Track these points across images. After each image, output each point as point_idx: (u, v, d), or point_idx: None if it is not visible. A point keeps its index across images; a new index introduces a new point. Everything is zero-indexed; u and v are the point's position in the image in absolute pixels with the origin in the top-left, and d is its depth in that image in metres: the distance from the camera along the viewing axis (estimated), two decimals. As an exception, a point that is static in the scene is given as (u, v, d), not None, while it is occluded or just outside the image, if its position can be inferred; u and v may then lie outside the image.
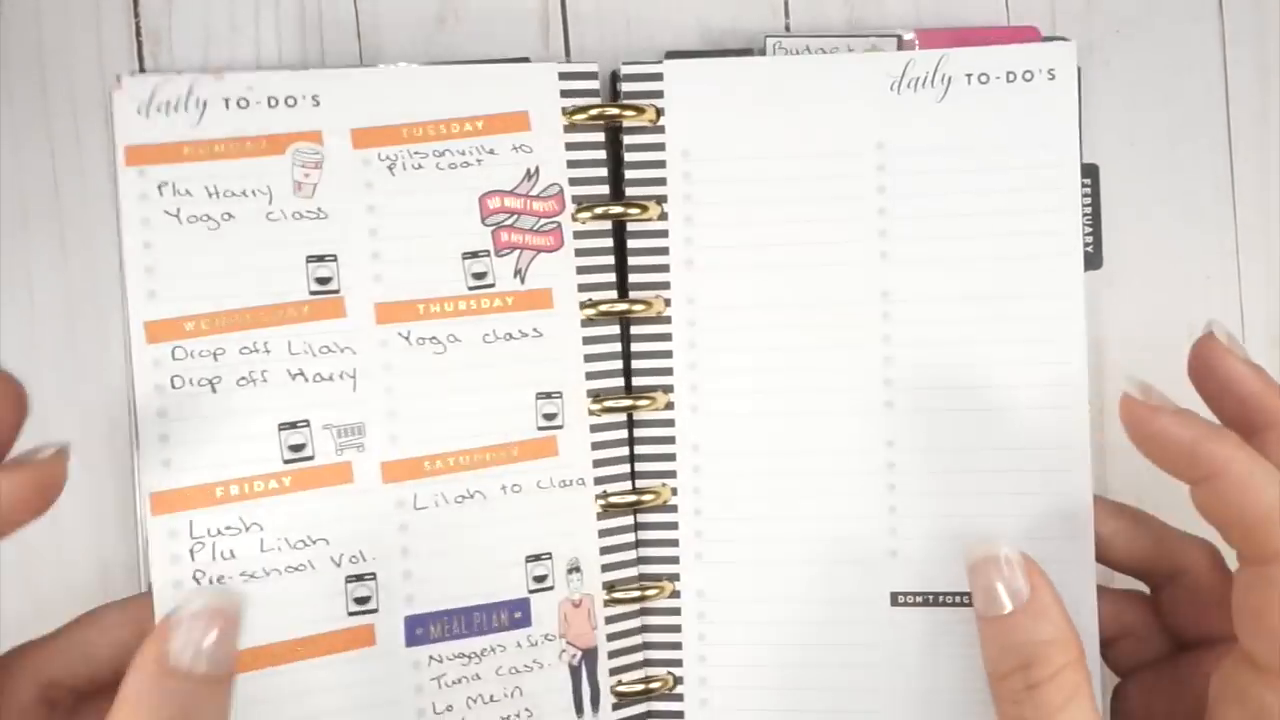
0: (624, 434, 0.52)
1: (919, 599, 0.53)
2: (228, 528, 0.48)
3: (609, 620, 0.51)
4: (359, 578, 0.48)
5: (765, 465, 0.53)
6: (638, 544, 0.54)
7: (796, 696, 0.53)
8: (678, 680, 0.54)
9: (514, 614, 0.50)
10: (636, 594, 0.52)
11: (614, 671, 0.51)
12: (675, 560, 0.54)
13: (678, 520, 0.54)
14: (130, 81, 0.48)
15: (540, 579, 0.50)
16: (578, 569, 0.51)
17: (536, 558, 0.50)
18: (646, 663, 0.54)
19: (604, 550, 0.51)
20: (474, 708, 0.49)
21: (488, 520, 0.49)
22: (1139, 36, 0.57)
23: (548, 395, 0.50)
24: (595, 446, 0.51)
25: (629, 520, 0.52)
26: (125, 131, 0.48)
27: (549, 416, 0.51)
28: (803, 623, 0.53)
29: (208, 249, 0.48)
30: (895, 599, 0.53)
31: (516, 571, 0.50)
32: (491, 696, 0.49)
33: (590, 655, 0.51)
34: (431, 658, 0.49)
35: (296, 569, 0.48)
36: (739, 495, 0.53)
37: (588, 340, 0.51)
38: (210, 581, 0.47)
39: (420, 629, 0.49)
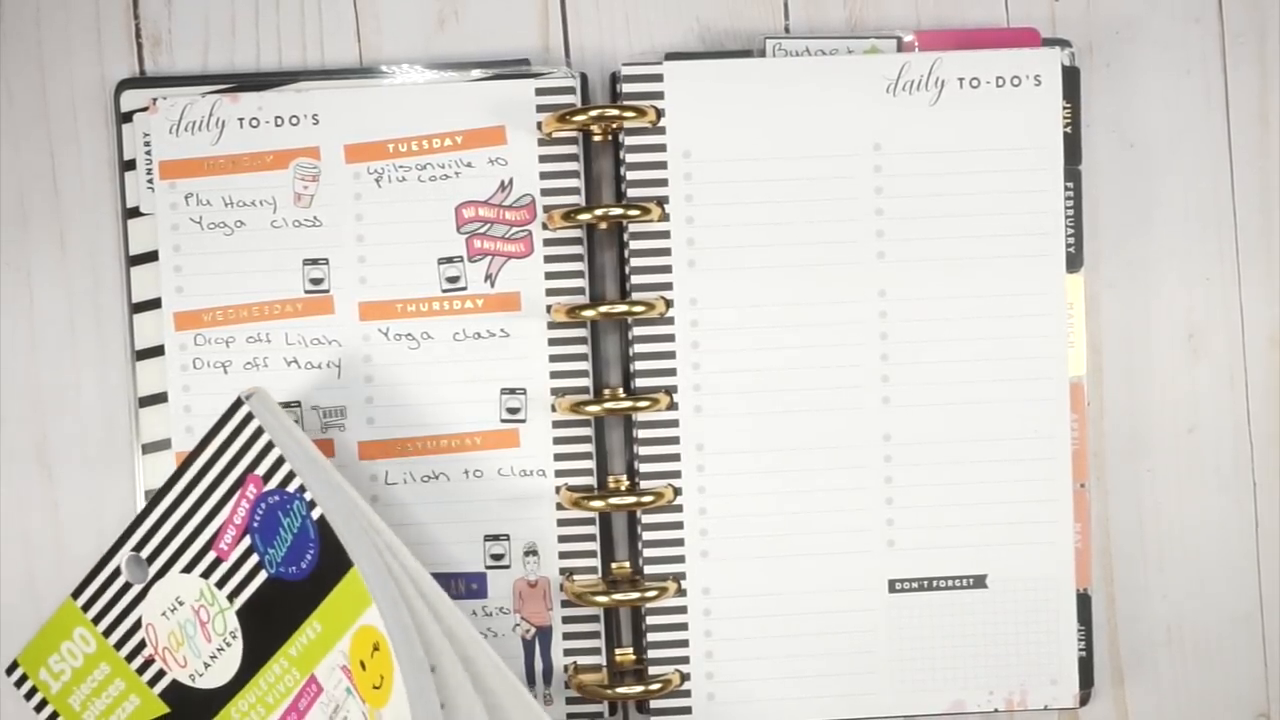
0: (589, 431, 0.58)
1: (915, 584, 0.58)
2: None
3: (565, 604, 0.58)
4: None
5: (768, 462, 0.57)
6: (644, 544, 0.58)
7: (800, 684, 0.58)
8: (685, 677, 0.57)
9: (470, 585, 0.58)
10: (596, 582, 0.58)
11: (569, 653, 0.58)
12: (681, 560, 0.57)
13: (683, 520, 0.57)
14: (163, 104, 0.57)
15: (497, 557, 0.58)
16: (534, 552, 0.58)
17: (494, 538, 0.58)
18: (649, 661, 0.58)
19: (562, 538, 0.58)
20: None
21: (450, 500, 0.58)
22: (1139, 37, 0.60)
23: (512, 391, 0.57)
24: (557, 441, 0.57)
25: (591, 513, 0.58)
26: (160, 148, 0.57)
27: (512, 411, 0.57)
28: (804, 614, 0.57)
29: (223, 251, 0.58)
30: (893, 585, 0.58)
31: (475, 548, 0.58)
32: None
33: (545, 634, 0.58)
34: None
35: None
36: (743, 493, 0.57)
37: (554, 341, 0.58)
38: None
39: None
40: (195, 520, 0.55)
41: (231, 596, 0.54)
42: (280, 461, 0.53)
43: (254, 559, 0.54)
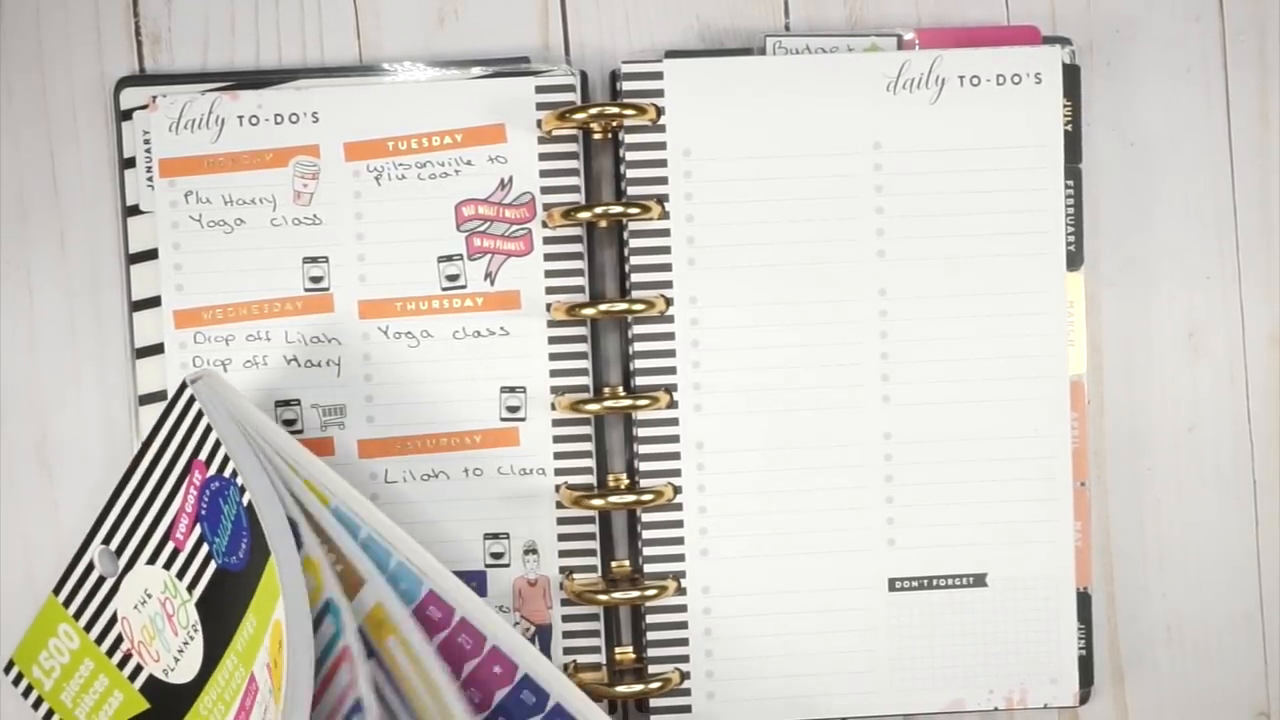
0: (589, 429, 0.58)
1: (915, 583, 0.58)
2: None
3: (565, 602, 0.58)
4: None
5: (767, 461, 0.58)
6: (643, 543, 0.58)
7: (800, 683, 0.58)
8: (684, 676, 0.58)
9: (470, 583, 0.57)
10: (596, 581, 0.58)
11: (568, 652, 0.58)
12: (681, 558, 0.57)
13: (682, 519, 0.58)
14: (163, 102, 0.57)
15: (497, 556, 0.58)
16: (534, 551, 0.58)
17: (494, 536, 0.58)
18: (649, 660, 0.58)
19: (562, 537, 0.58)
20: None
21: (449, 498, 0.58)
22: (1139, 36, 0.60)
23: (511, 389, 0.57)
24: (557, 439, 0.58)
25: (590, 511, 0.58)
26: (159, 146, 0.57)
27: (512, 409, 0.58)
28: (804, 612, 0.58)
29: (223, 249, 0.58)
30: (893, 584, 0.58)
31: (475, 546, 0.58)
32: None
33: (545, 632, 0.58)
34: None
35: None
36: (743, 491, 0.58)
37: (554, 340, 0.58)
38: None
39: None
40: (154, 510, 0.54)
41: (190, 588, 0.54)
42: (218, 446, 0.52)
43: (205, 548, 0.53)
